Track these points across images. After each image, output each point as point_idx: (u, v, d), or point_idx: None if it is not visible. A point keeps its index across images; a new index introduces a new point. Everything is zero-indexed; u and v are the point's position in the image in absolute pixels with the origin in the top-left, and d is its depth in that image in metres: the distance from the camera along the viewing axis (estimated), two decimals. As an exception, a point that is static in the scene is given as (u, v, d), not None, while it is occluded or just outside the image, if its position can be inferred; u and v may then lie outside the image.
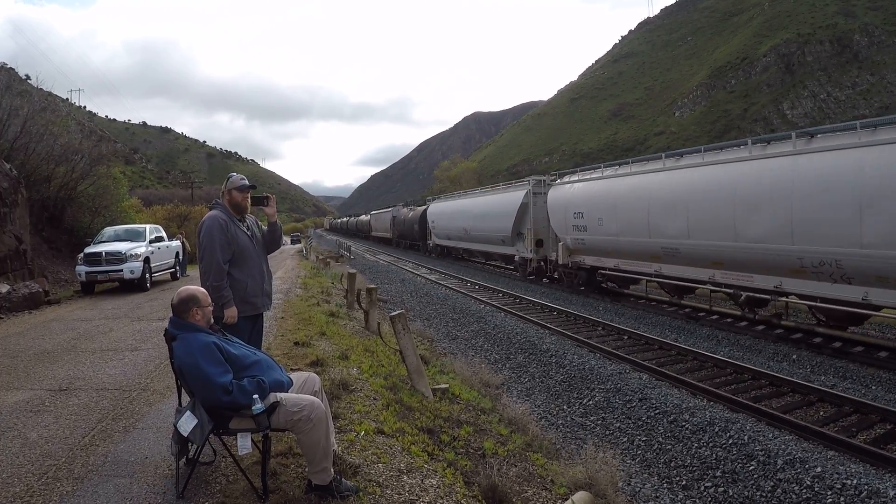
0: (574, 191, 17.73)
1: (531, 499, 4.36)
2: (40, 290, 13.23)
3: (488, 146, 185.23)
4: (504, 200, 23.50)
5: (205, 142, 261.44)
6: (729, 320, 12.90)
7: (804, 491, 5.22)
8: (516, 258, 22.82)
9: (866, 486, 5.07)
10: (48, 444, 4.37)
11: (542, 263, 20.91)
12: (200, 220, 4.61)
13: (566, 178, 18.97)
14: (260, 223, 4.92)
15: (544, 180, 21.45)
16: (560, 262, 18.57)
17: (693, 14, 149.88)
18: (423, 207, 39.27)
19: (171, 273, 18.74)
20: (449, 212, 31.75)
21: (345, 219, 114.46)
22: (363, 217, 79.10)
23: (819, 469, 5.44)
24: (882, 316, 10.15)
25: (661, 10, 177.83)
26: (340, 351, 7.41)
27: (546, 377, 9.61)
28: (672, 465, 6.29)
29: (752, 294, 11.52)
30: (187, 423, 3.28)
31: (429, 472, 3.99)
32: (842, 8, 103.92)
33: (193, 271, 20.49)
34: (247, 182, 4.67)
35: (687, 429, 6.84)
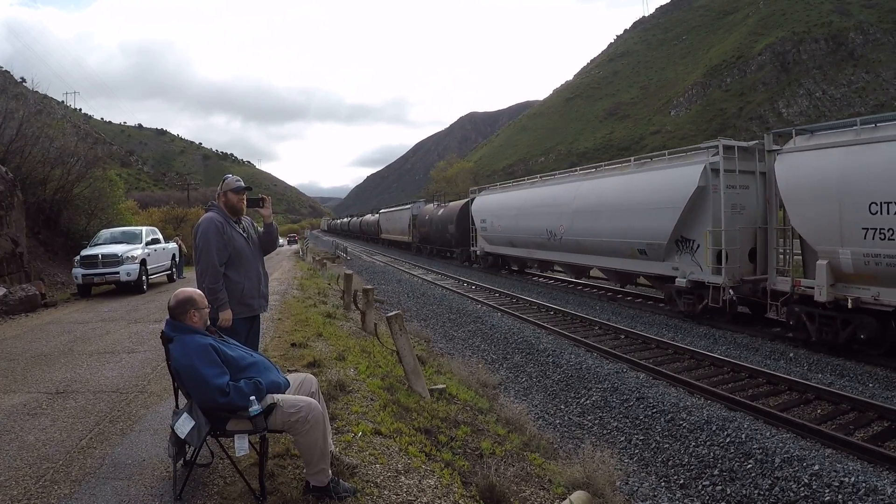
0: (869, 158, 9.22)
1: (529, 498, 4.36)
2: (37, 292, 13.19)
3: (484, 146, 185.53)
4: (657, 184, 13.91)
5: (201, 144, 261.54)
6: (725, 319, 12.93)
7: (802, 489, 5.23)
8: (680, 282, 13.18)
9: (864, 484, 5.08)
10: (45, 447, 4.35)
11: (732, 292, 12.14)
12: (197, 221, 4.60)
13: (829, 136, 10.20)
14: (256, 225, 4.91)
15: (750, 146, 12.78)
16: (819, 297, 9.81)
17: (688, 13, 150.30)
18: (463, 202, 30.10)
19: (167, 275, 18.71)
20: (516, 206, 21.84)
21: (345, 219, 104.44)
22: (369, 217, 67.64)
23: (817, 467, 5.45)
24: None
25: (657, 9, 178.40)
26: (337, 352, 7.41)
27: (543, 377, 9.61)
28: (670, 463, 6.30)
29: None
30: (184, 425, 3.28)
31: (426, 472, 3.99)
32: (837, 6, 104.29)
33: (190, 273, 20.46)
34: (242, 184, 4.66)
35: (684, 427, 6.85)
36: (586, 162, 40.64)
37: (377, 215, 59.45)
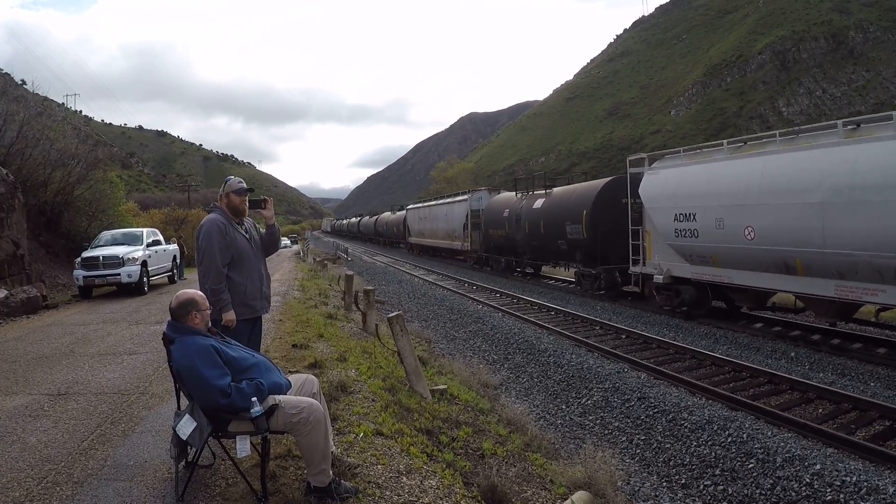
0: None
1: (530, 499, 4.36)
2: (38, 294, 13.20)
3: (484, 147, 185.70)
4: None
5: (201, 145, 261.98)
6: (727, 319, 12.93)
7: (804, 488, 5.23)
8: None
9: (865, 483, 5.08)
10: (47, 449, 4.36)
11: None
12: (198, 223, 4.61)
13: None
14: (258, 226, 4.92)
15: None
16: None
17: (688, 12, 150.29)
18: (600, 184, 17.79)
19: (168, 276, 18.71)
20: (839, 184, 9.41)
21: (353, 219, 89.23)
22: (388, 215, 54.45)
23: (818, 466, 5.45)
24: None
25: (656, 8, 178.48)
26: (338, 353, 7.41)
27: (544, 377, 9.61)
28: (671, 463, 6.30)
29: None
30: (186, 427, 3.29)
31: (428, 472, 3.99)
32: (836, 4, 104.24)
33: (191, 274, 20.47)
34: (244, 185, 4.67)
35: (686, 427, 6.85)
36: (586, 162, 37.75)
37: (402, 212, 46.31)
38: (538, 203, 20.95)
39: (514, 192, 24.50)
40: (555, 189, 21.09)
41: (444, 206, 33.03)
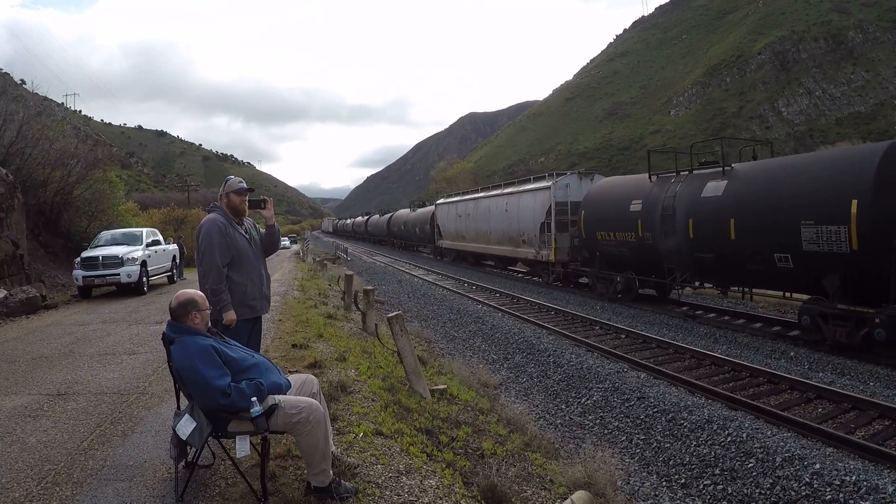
0: None
1: (530, 498, 4.36)
2: (37, 294, 13.19)
3: (484, 146, 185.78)
4: None
5: (200, 145, 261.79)
6: (726, 318, 12.94)
7: (803, 488, 5.23)
8: None
9: (865, 483, 5.08)
10: (47, 449, 4.36)
11: None
12: (197, 223, 4.61)
13: None
14: (258, 226, 4.92)
15: None
16: None
17: (687, 12, 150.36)
18: (893, 142, 9.43)
19: (168, 276, 18.70)
20: None
21: (360, 218, 78.99)
22: (406, 213, 45.21)
23: (818, 466, 5.45)
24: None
25: (656, 8, 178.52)
26: (338, 353, 7.40)
27: (544, 377, 9.61)
28: (671, 463, 6.30)
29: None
30: (186, 427, 3.28)
31: (428, 472, 3.99)
32: (836, 5, 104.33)
33: (190, 274, 20.45)
34: (245, 185, 4.66)
35: (685, 427, 6.85)
36: (586, 162, 38.31)
37: (428, 209, 37.87)
38: (714, 188, 12.31)
39: (644, 175, 15.65)
40: (736, 166, 12.49)
41: (505, 197, 23.84)
